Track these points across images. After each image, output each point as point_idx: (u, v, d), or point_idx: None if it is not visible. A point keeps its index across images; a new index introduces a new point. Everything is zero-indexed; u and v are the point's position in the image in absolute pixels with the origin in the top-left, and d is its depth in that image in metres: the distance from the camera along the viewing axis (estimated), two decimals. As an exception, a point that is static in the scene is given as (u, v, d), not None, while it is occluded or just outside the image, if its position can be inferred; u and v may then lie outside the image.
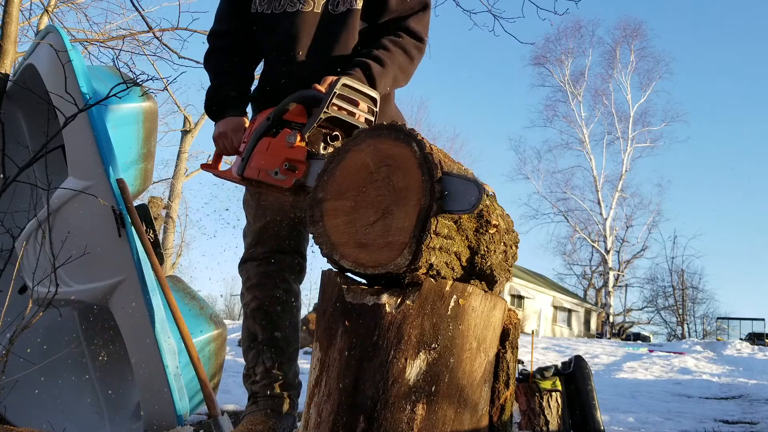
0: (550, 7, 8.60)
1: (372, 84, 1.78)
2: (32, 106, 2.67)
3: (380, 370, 1.23)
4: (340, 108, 1.58)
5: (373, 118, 1.66)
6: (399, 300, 1.26)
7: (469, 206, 1.22)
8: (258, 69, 2.10)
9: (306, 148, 1.57)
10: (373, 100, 1.65)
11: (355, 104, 1.61)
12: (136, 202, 2.20)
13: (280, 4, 1.91)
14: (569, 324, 35.02)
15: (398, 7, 1.89)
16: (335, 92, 1.55)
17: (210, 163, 1.93)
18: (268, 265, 1.98)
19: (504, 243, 1.40)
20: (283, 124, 1.65)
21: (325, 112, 1.55)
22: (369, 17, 1.90)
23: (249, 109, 2.00)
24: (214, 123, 1.94)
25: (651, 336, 31.26)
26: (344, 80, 1.58)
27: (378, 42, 1.86)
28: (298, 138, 1.57)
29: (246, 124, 1.85)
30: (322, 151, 1.61)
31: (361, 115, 1.63)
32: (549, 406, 3.04)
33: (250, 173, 1.68)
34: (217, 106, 1.93)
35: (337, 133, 1.63)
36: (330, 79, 1.68)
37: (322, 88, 1.65)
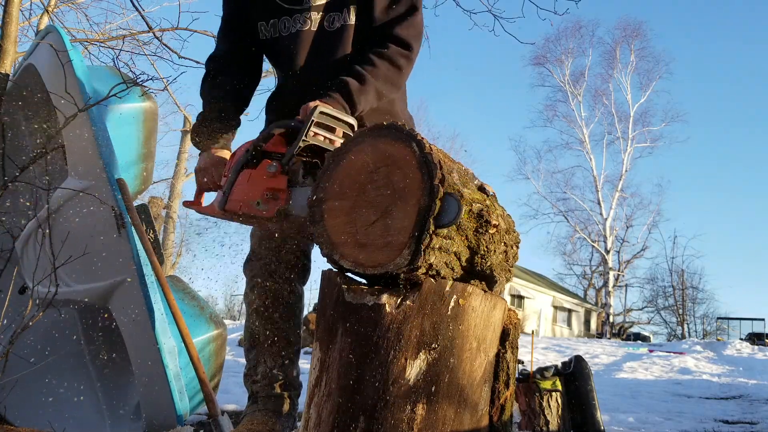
0: (550, 7, 8.61)
1: (351, 103, 1.80)
2: (32, 106, 2.67)
3: (380, 370, 1.23)
4: (317, 135, 1.59)
5: None
6: (399, 300, 1.26)
7: (447, 221, 1.23)
8: (262, 84, 2.12)
9: (286, 177, 1.59)
10: (351, 126, 1.66)
11: (333, 131, 1.62)
12: (136, 202, 2.20)
13: (285, 27, 1.98)
14: (569, 324, 35.02)
15: (384, 16, 1.92)
16: (313, 120, 1.57)
17: (192, 200, 1.93)
18: (273, 265, 1.99)
19: (504, 243, 1.40)
20: (263, 156, 1.66)
21: (303, 140, 1.56)
22: (362, 29, 1.95)
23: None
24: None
25: (651, 336, 31.29)
26: (321, 108, 1.59)
27: (363, 56, 1.88)
28: (279, 167, 1.59)
29: (228, 158, 1.85)
30: (302, 179, 1.62)
31: (339, 141, 1.62)
32: (549, 406, 3.04)
33: (232, 206, 1.68)
34: (201, 138, 1.94)
35: (317, 161, 1.63)
36: (308, 106, 1.69)
37: (301, 117, 1.66)
